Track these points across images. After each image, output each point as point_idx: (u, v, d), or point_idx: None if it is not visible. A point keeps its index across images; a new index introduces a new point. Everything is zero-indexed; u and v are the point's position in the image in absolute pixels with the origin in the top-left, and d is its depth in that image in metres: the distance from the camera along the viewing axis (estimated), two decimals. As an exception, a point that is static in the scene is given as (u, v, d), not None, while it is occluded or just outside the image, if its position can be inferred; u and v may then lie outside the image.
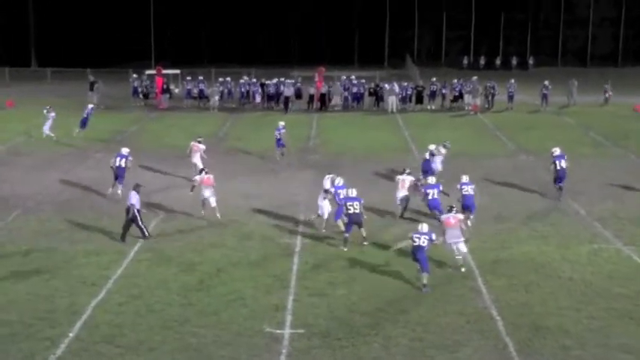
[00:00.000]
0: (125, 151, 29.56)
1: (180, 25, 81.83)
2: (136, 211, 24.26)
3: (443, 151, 31.92)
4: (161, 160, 35.69)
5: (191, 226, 25.98)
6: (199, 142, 32.97)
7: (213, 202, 26.62)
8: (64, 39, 79.97)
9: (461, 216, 23.03)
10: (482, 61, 79.46)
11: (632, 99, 53.52)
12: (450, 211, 22.62)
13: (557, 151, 29.54)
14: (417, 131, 43.42)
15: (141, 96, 53.80)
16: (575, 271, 21.82)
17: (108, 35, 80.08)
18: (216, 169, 33.46)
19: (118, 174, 29.19)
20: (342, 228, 24.47)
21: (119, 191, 28.90)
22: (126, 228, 24.37)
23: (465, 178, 26.13)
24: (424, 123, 46.49)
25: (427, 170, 29.56)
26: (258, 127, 44.61)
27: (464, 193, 25.71)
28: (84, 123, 41.03)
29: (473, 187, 25.94)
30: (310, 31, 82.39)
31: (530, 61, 79.83)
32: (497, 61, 79.73)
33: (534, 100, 52.17)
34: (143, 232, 24.44)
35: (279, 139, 35.84)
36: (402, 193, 26.83)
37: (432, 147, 31.48)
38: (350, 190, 24.52)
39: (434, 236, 21.04)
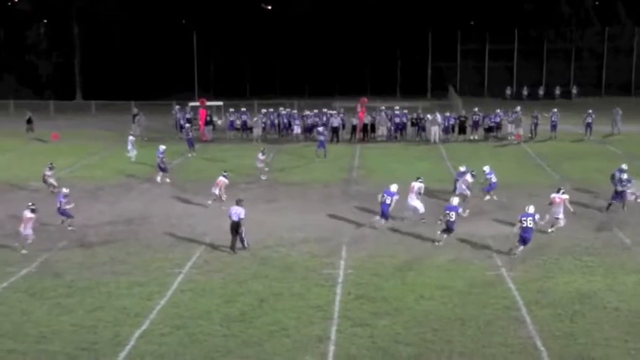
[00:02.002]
0: (65, 191, 29.86)
1: (223, 57, 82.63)
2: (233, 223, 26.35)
3: (468, 177, 32.42)
4: (204, 192, 35.88)
5: (234, 257, 26.07)
6: (225, 177, 33.32)
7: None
8: (108, 72, 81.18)
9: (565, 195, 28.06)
10: (525, 92, 79.07)
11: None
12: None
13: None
14: (460, 162, 43.10)
15: (179, 128, 54.27)
16: (622, 302, 21.53)
17: (151, 68, 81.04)
18: (259, 200, 33.83)
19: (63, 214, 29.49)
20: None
21: None
22: (235, 240, 26.36)
23: (530, 209, 25.93)
24: (467, 153, 46.31)
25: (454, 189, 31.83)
26: (300, 158, 44.74)
27: (524, 225, 25.58)
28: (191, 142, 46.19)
29: (536, 218, 25.87)
30: (353, 62, 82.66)
31: (574, 91, 79.32)
32: (541, 91, 79.30)
33: (578, 129, 51.76)
34: (244, 244, 26.48)
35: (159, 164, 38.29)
36: (409, 199, 29.70)
37: (462, 168, 32.79)
38: (452, 199, 27.40)
39: (537, 217, 25.40)
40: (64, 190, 29.86)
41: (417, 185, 30.64)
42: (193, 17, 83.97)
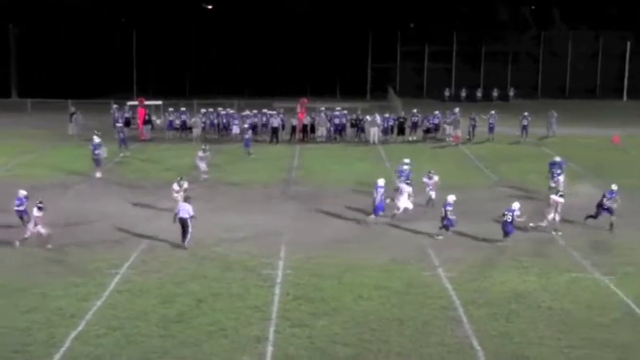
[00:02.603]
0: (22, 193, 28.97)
1: (163, 56, 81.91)
2: (189, 219, 26.80)
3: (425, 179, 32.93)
4: (142, 191, 35.67)
5: (172, 257, 25.92)
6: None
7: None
8: (45, 70, 79.97)
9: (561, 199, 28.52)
10: (463, 93, 79.93)
11: (609, 131, 53.95)
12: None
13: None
14: (399, 162, 43.50)
15: (117, 126, 53.69)
16: (555, 301, 21.94)
17: (90, 66, 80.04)
18: (199, 200, 33.58)
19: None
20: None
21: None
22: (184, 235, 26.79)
23: (514, 205, 27.54)
24: (406, 154, 46.57)
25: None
26: (240, 159, 44.63)
27: (504, 219, 27.26)
28: (123, 141, 45.58)
29: (516, 214, 27.30)
30: (292, 63, 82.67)
31: (511, 93, 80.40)
32: (479, 93, 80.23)
33: (515, 131, 52.51)
34: (185, 241, 26.81)
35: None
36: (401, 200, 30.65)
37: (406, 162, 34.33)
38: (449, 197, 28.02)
39: (517, 213, 27.05)
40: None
41: (407, 188, 31.25)
42: (133, 15, 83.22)
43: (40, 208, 26.41)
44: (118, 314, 20.79)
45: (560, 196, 29.10)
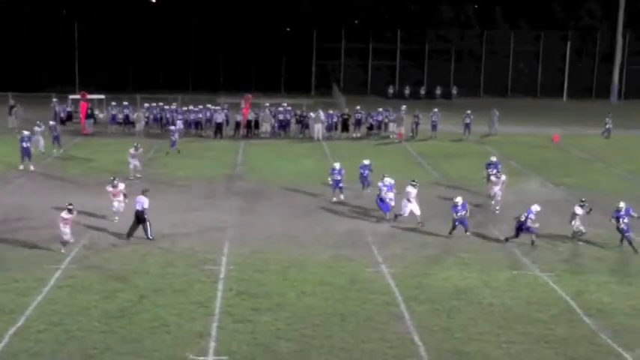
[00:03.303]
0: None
1: (106, 50, 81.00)
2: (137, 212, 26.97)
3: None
4: (84, 186, 35.30)
5: (114, 253, 25.71)
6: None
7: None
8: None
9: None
10: (407, 91, 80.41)
11: (550, 130, 54.83)
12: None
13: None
14: (343, 159, 43.68)
15: (58, 120, 53.06)
16: (496, 297, 22.24)
17: (30, 59, 78.82)
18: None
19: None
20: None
21: None
22: (133, 229, 26.99)
23: (459, 199, 28.15)
24: (350, 151, 46.87)
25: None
26: (184, 154, 44.40)
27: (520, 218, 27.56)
28: (56, 139, 43.81)
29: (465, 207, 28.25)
30: (237, 59, 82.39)
31: (454, 91, 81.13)
32: (422, 91, 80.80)
33: (457, 129, 53.04)
34: (148, 234, 26.97)
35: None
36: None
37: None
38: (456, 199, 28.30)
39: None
40: None
41: (413, 191, 30.06)
42: (75, 8, 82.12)
43: (69, 211, 25.79)
44: (58, 310, 20.57)
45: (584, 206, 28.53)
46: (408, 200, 29.61)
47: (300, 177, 38.56)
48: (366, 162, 35.26)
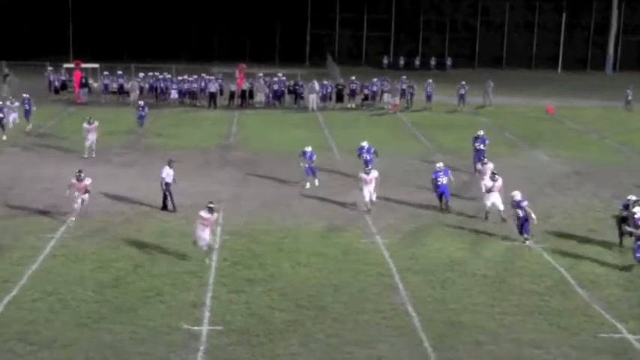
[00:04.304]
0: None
1: (100, 19, 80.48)
2: (164, 184, 26.61)
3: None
4: (79, 155, 35.17)
5: (108, 222, 25.69)
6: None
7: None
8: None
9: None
10: (401, 61, 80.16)
11: (544, 101, 54.79)
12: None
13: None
14: (337, 129, 43.76)
15: (53, 90, 52.94)
16: (489, 268, 22.28)
17: (24, 28, 78.36)
18: (136, 165, 33.46)
19: None
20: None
21: None
22: (166, 200, 26.76)
23: (440, 164, 28.38)
24: (344, 121, 46.83)
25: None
26: (178, 124, 44.30)
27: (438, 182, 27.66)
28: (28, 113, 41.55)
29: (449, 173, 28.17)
30: (231, 28, 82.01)
31: (448, 62, 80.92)
32: (417, 62, 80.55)
33: (452, 100, 52.95)
34: (174, 206, 26.89)
35: None
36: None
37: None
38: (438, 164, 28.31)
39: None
40: None
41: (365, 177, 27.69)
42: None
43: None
44: (52, 279, 20.56)
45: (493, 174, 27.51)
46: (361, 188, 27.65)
47: (295, 147, 38.30)
48: (365, 144, 32.59)
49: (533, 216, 24.14)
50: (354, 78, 53.76)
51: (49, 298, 19.33)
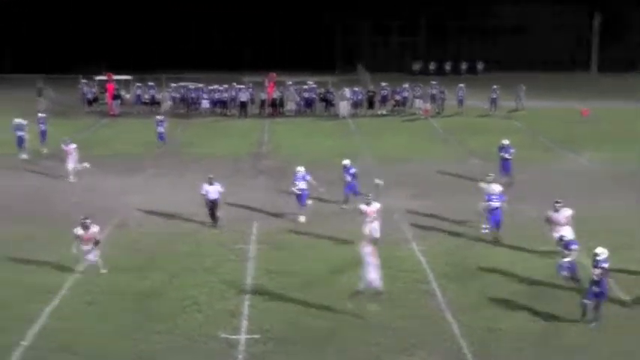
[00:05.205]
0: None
1: (131, 31, 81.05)
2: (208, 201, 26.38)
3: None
4: (112, 167, 35.41)
5: (144, 233, 25.80)
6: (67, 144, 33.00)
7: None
8: (12, 45, 78.83)
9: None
10: (432, 66, 79.90)
11: (578, 103, 54.33)
12: None
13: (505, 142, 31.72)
14: (369, 136, 43.69)
15: (86, 102, 53.38)
16: (527, 273, 22.06)
17: (58, 40, 79.01)
18: (169, 175, 33.61)
19: None
20: None
21: None
22: (212, 215, 26.43)
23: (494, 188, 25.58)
24: (376, 128, 46.76)
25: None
26: (209, 133, 44.47)
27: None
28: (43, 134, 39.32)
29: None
30: (261, 37, 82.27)
31: (480, 66, 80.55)
32: (447, 67, 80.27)
33: (484, 104, 52.68)
34: (215, 219, 26.47)
35: None
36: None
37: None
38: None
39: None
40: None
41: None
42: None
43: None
44: (91, 289, 20.68)
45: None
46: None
47: (327, 154, 38.42)
48: (346, 162, 29.45)
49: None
50: (384, 84, 53.65)
51: (89, 308, 19.45)
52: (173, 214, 27.58)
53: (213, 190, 26.57)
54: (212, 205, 26.51)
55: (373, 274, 19.37)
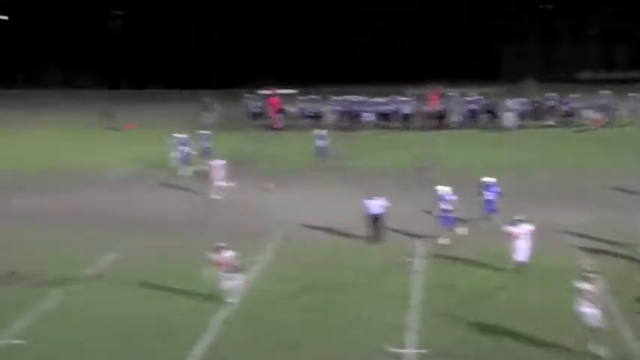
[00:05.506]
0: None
1: (294, 45, 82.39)
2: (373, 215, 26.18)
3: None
4: (278, 180, 35.67)
5: (308, 246, 25.89)
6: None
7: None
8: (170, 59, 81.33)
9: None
10: (601, 75, 77.20)
11: None
12: None
13: None
14: (537, 148, 42.51)
15: (251, 116, 54.41)
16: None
17: (220, 56, 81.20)
18: (333, 188, 33.68)
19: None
20: None
21: None
22: (375, 232, 26.12)
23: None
24: (544, 139, 45.47)
25: None
26: (373, 146, 44.39)
27: None
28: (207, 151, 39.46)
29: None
30: (424, 49, 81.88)
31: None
32: (617, 75, 77.37)
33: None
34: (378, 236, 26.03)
35: None
36: None
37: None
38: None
39: None
40: None
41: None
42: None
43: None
44: (258, 301, 20.91)
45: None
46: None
47: (493, 168, 37.47)
48: (487, 179, 28.82)
49: None
50: (554, 94, 52.16)
51: (257, 320, 19.71)
52: (337, 227, 27.51)
53: (376, 205, 26.30)
54: (375, 220, 26.22)
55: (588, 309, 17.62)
